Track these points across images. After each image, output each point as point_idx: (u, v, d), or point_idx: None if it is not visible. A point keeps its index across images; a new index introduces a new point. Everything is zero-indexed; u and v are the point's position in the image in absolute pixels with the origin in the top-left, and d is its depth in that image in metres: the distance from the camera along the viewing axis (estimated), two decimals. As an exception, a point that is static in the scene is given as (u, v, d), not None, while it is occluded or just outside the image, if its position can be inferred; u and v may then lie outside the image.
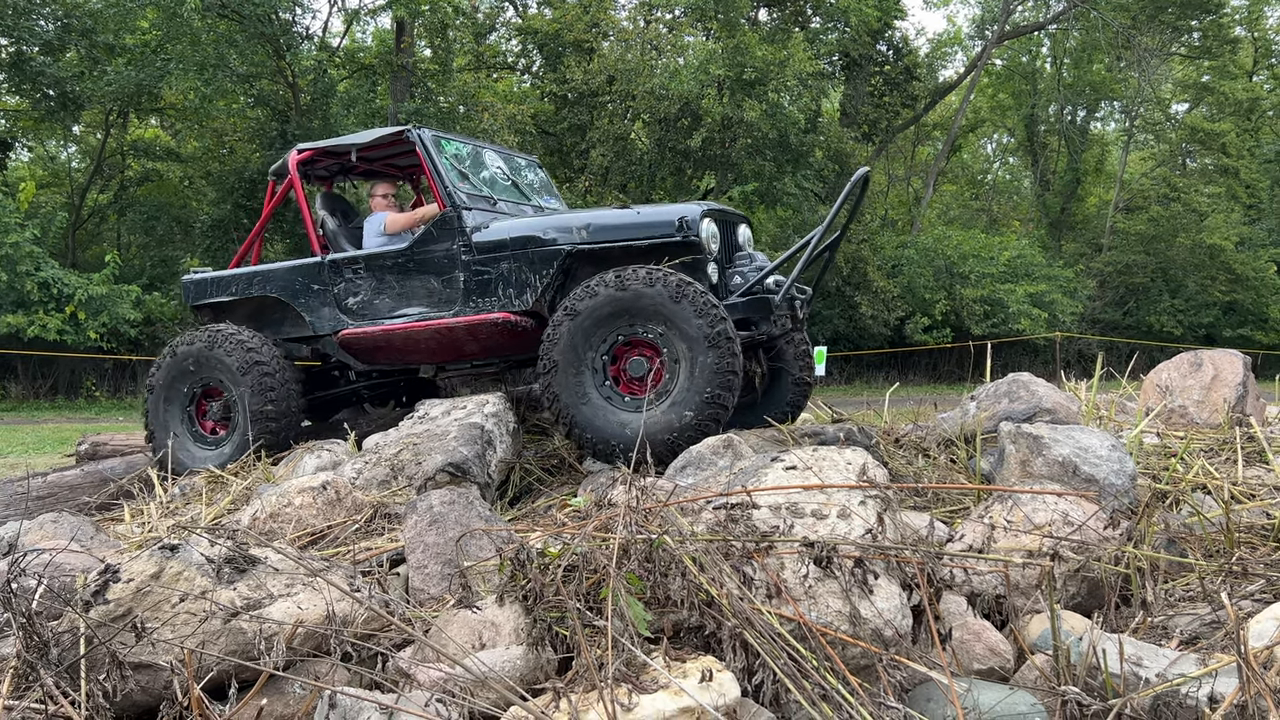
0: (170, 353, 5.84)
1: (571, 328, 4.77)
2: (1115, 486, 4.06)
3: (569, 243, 5.25)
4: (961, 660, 2.91)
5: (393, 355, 5.76)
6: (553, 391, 4.83)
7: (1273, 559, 3.29)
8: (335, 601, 2.60)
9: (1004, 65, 31.73)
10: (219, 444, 5.79)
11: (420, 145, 5.61)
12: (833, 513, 2.85)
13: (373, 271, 5.69)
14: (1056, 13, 28.09)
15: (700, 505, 3.05)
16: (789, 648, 2.40)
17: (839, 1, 20.63)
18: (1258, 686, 2.42)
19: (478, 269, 5.40)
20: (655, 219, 5.21)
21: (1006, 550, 3.32)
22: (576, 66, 19.31)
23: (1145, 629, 3.10)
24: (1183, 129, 30.96)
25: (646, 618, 2.55)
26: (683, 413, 4.59)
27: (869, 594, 2.61)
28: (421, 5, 16.86)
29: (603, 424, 4.73)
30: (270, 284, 5.98)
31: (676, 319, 4.63)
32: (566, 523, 3.71)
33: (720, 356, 4.58)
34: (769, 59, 18.00)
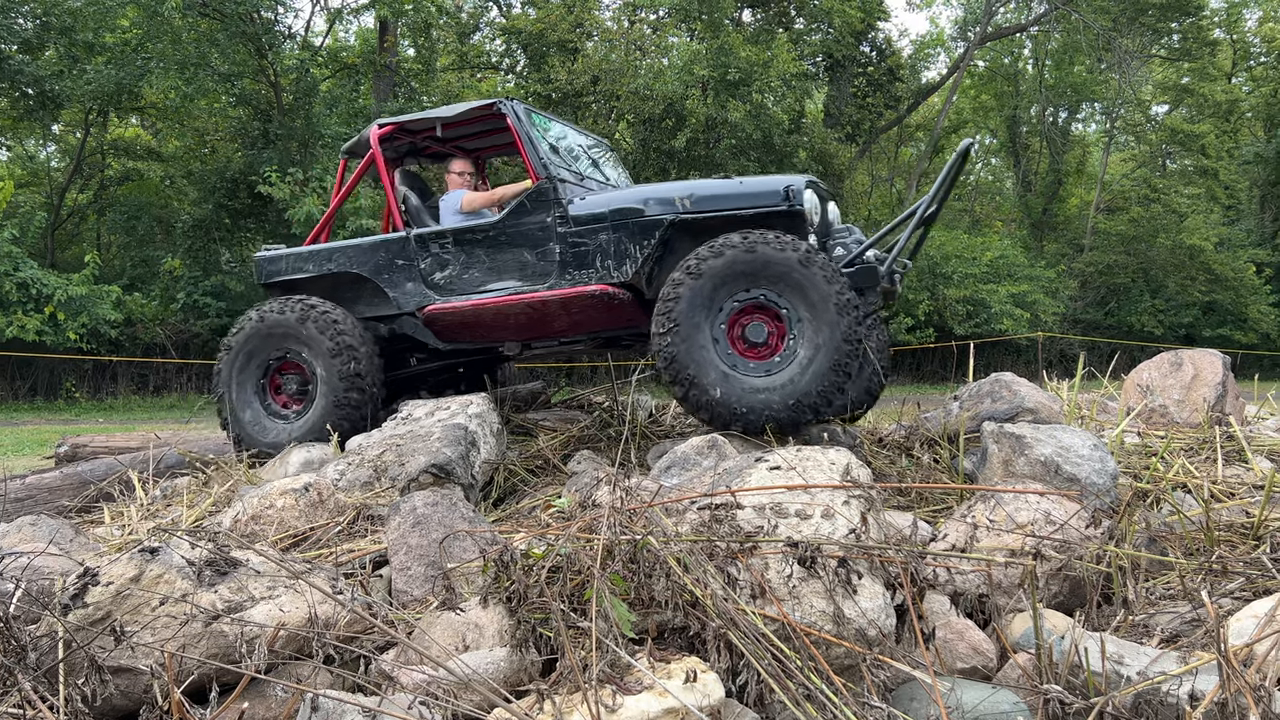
0: (258, 319, 5.70)
1: (693, 289, 4.67)
2: (1097, 485, 4.08)
3: (671, 213, 5.17)
4: (945, 659, 2.92)
5: (480, 332, 5.67)
6: (670, 354, 4.69)
7: (1252, 557, 3.32)
8: (317, 604, 2.58)
9: (986, 67, 31.90)
10: (290, 419, 5.71)
11: (513, 117, 5.54)
12: (817, 513, 2.86)
13: (461, 246, 5.58)
14: (1038, 14, 28.25)
15: (685, 506, 3.05)
16: (773, 648, 2.41)
17: (822, 2, 20.68)
18: (1237, 684, 2.44)
19: (574, 241, 5.31)
20: (760, 188, 5.15)
21: (989, 550, 3.33)
22: (560, 67, 19.29)
23: (1127, 627, 3.11)
24: (1163, 130, 31.22)
25: (631, 619, 2.55)
26: (807, 380, 4.58)
27: (853, 594, 2.61)
28: (405, 5, 16.81)
29: (726, 390, 4.63)
30: (352, 259, 5.84)
31: (804, 284, 4.59)
32: (551, 523, 3.70)
33: (847, 324, 4.56)
34: (753, 60, 18.03)
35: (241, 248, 21.49)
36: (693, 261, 4.72)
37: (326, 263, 5.90)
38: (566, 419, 6.20)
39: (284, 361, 5.76)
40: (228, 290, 18.99)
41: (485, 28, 24.37)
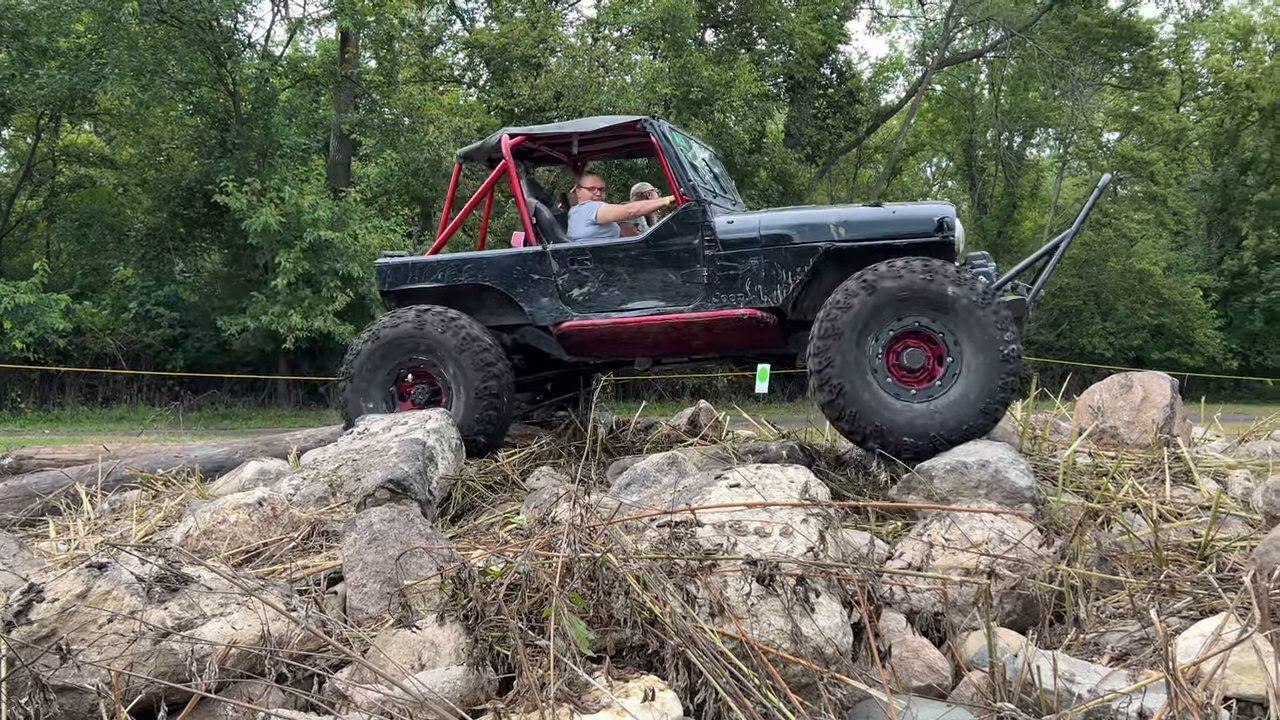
0: (391, 325, 5.62)
1: (856, 314, 4.68)
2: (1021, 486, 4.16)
3: (825, 240, 5.18)
4: (901, 677, 2.94)
5: (616, 348, 5.67)
6: (830, 376, 4.68)
7: (1199, 577, 3.38)
8: (270, 621, 2.54)
9: (943, 91, 32.45)
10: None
11: (659, 137, 5.53)
12: (775, 531, 2.87)
13: (601, 263, 5.56)
14: (994, 41, 28.82)
15: (645, 523, 3.05)
16: (731, 666, 2.41)
17: (784, 25, 20.93)
18: (1185, 702, 2.48)
19: (723, 264, 5.31)
20: (914, 216, 5.21)
21: (944, 568, 3.37)
22: (524, 82, 19.29)
23: (1078, 645, 3.16)
24: (1114, 157, 31.94)
25: (589, 637, 2.54)
26: (973, 399, 4.61)
27: (810, 612, 2.62)
28: (367, 16, 16.72)
29: (895, 419, 4.65)
30: (485, 271, 5.78)
31: (963, 315, 4.64)
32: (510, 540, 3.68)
33: (1006, 355, 4.61)
34: (715, 79, 18.18)
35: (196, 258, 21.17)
36: (856, 286, 4.73)
37: (457, 274, 5.83)
38: (527, 434, 6.18)
39: (417, 370, 5.69)
40: (181, 300, 18.69)
41: (448, 41, 24.35)
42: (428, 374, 5.64)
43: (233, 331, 16.88)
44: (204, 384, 18.16)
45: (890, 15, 32.26)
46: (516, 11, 21.80)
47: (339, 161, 19.30)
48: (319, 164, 17.95)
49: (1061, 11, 26.36)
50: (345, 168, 19.44)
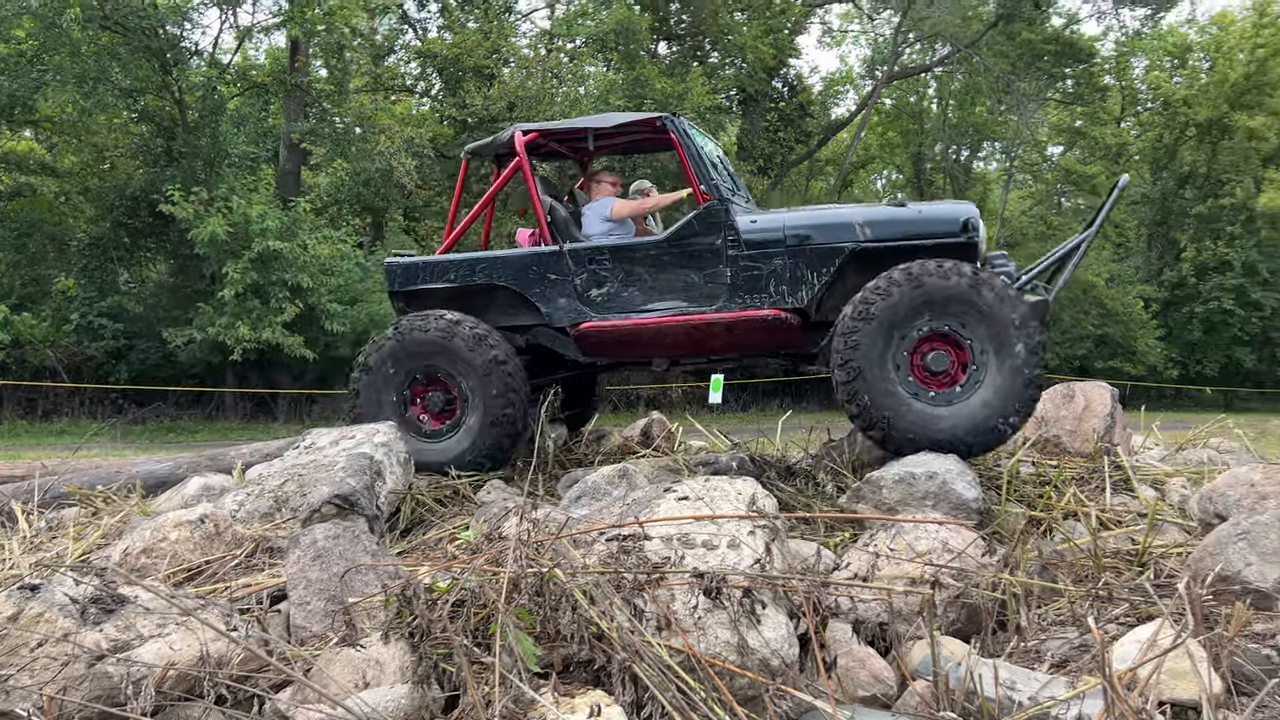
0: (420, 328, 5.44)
1: (872, 330, 4.67)
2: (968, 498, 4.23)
3: (851, 240, 5.16)
4: (847, 687, 2.97)
5: (634, 349, 5.57)
6: (852, 358, 4.66)
7: (1136, 584, 3.46)
8: (210, 641, 2.50)
9: (893, 105, 32.95)
10: (436, 437, 5.53)
11: (680, 135, 5.46)
12: (723, 543, 2.88)
13: (621, 263, 5.45)
14: (941, 56, 29.36)
15: (593, 537, 3.04)
16: (678, 680, 2.41)
17: (736, 38, 21.10)
18: (1121, 708, 2.54)
19: (746, 264, 5.24)
20: (940, 216, 5.21)
21: (890, 578, 3.41)
22: (476, 92, 19.23)
23: (1020, 653, 3.21)
24: (1058, 170, 32.66)
25: (536, 653, 2.53)
26: (1002, 399, 4.61)
27: (757, 624, 2.64)
28: (317, 25, 16.55)
29: (919, 421, 4.64)
30: (500, 272, 5.63)
31: (983, 309, 4.64)
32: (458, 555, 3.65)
33: (1029, 379, 4.62)
34: (668, 91, 18.27)
35: (141, 268, 20.74)
36: (875, 293, 4.71)
37: (470, 274, 5.69)
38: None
39: (431, 377, 5.56)
40: (125, 311, 18.29)
41: (400, 50, 24.20)
42: (444, 383, 5.52)
43: (178, 343, 16.56)
44: (149, 397, 17.78)
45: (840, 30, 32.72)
46: (469, 22, 21.74)
47: (289, 171, 19.05)
48: (268, 173, 17.70)
49: (1006, 28, 26.93)
50: (295, 177, 19.20)
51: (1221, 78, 29.18)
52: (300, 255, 16.05)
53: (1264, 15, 28.84)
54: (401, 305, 5.87)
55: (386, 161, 17.32)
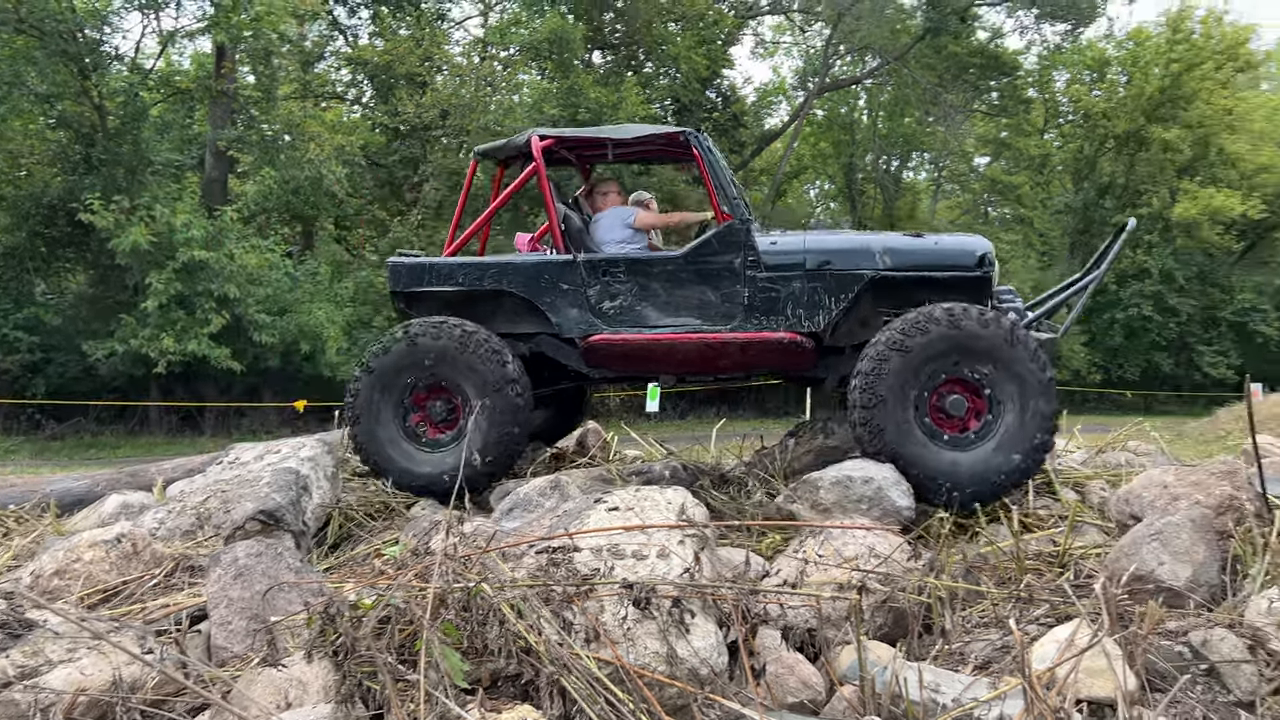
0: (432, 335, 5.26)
1: (902, 363, 4.69)
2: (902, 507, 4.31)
3: (871, 268, 5.19)
4: (776, 694, 2.99)
5: (644, 364, 5.47)
6: (876, 425, 4.67)
7: (1055, 585, 3.55)
8: (123, 665, 2.42)
9: (825, 116, 33.45)
10: (433, 447, 5.34)
11: (703, 152, 5.41)
12: (653, 553, 2.89)
13: (636, 276, 5.37)
14: (872, 68, 29.89)
15: (523, 550, 3.02)
16: (606, 692, 2.40)
17: (670, 49, 21.22)
18: (1040, 707, 2.59)
19: (764, 285, 5.23)
20: (956, 249, 5.31)
21: (818, 584, 3.44)
22: (409, 99, 19.04)
23: (945, 655, 3.27)
24: (984, 180, 33.46)
25: (464, 668, 2.50)
26: (1010, 455, 4.65)
27: (686, 633, 2.64)
28: (244, 31, 16.22)
29: (931, 462, 4.65)
30: (510, 278, 5.48)
31: (1011, 362, 4.71)
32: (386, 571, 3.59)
33: (1050, 402, 4.70)
34: (603, 101, 18.30)
35: (59, 278, 20.06)
36: (899, 336, 4.75)
37: (479, 278, 5.53)
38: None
39: (435, 386, 5.37)
40: (42, 323, 17.67)
41: (330, 57, 23.84)
42: (448, 393, 5.37)
43: (99, 356, 16.05)
44: (68, 412, 17.20)
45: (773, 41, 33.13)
46: (401, 29, 21.52)
47: (215, 179, 18.62)
48: (193, 181, 17.25)
49: (934, 41, 27.55)
50: (222, 185, 18.77)
51: (1138, 91, 30.19)
52: (227, 265, 15.69)
53: (1177, 31, 29.92)
54: (402, 306, 5.72)
55: (316, 169, 17.04)
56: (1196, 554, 3.51)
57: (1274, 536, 3.49)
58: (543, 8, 20.73)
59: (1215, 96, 29.36)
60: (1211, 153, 30.27)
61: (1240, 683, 3.02)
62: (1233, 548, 3.61)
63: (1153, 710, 2.79)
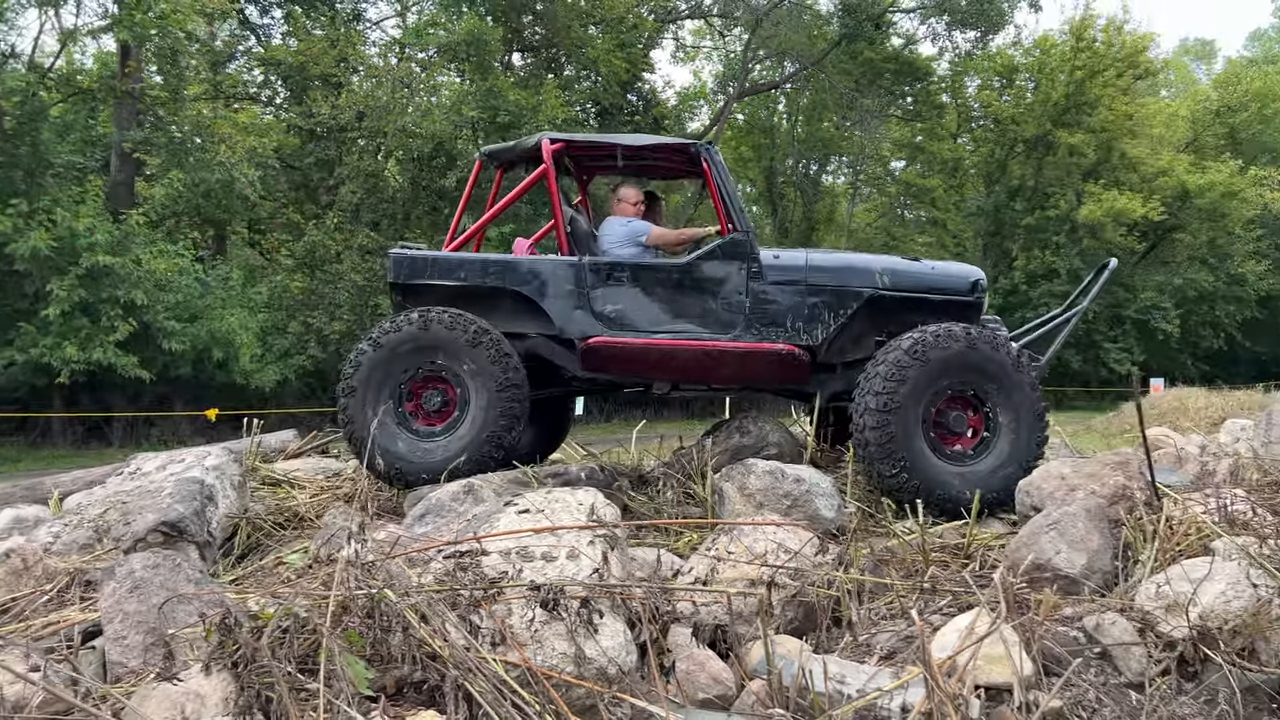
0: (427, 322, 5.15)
1: (932, 367, 4.83)
2: (826, 518, 4.37)
3: (870, 286, 5.35)
4: (687, 690, 3.01)
5: (640, 369, 5.47)
6: (889, 432, 4.77)
7: (958, 576, 3.64)
8: (7, 685, 2.32)
9: (745, 120, 33.86)
10: (429, 436, 5.19)
11: (713, 165, 5.47)
12: (562, 554, 2.88)
13: (639, 281, 5.40)
14: (790, 73, 30.36)
15: (431, 555, 2.99)
16: (513, 694, 2.39)
17: (589, 52, 21.22)
18: (940, 695, 2.66)
19: (765, 297, 5.33)
20: (952, 274, 5.57)
21: (729, 580, 3.48)
22: (323, 101, 18.69)
23: (852, 648, 3.33)
24: (899, 184, 34.22)
25: (368, 676, 2.46)
26: (1009, 471, 4.78)
27: (594, 633, 2.65)
28: (149, 29, 15.71)
29: (933, 473, 4.76)
30: (513, 276, 5.46)
31: (1013, 386, 4.92)
32: (294, 579, 3.52)
33: (1043, 426, 4.93)
34: (522, 103, 18.21)
35: (-48, 284, 19.18)
36: (914, 352, 4.86)
37: (482, 275, 5.48)
38: (324, 469, 5.95)
39: (434, 377, 5.25)
40: (-64, 332, 16.89)
41: (242, 57, 23.26)
42: (448, 385, 5.27)
43: (-3, 365, 15.41)
44: (-37, 424, 16.48)
45: (694, 46, 33.41)
46: (315, 29, 21.12)
47: (121, 182, 17.99)
48: (97, 184, 16.64)
49: (849, 47, 28.10)
50: (129, 188, 18.14)
51: (1045, 97, 31.26)
52: (134, 271, 15.19)
53: (1080, 39, 31.06)
54: (399, 299, 5.63)
55: (227, 172, 16.60)
56: (1091, 542, 3.64)
57: (1162, 523, 3.63)
58: (460, 9, 20.55)
59: (1117, 102, 30.54)
60: (1114, 156, 31.49)
61: (1130, 665, 3.14)
62: (1125, 535, 3.75)
63: (1048, 694, 2.89)
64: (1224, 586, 3.22)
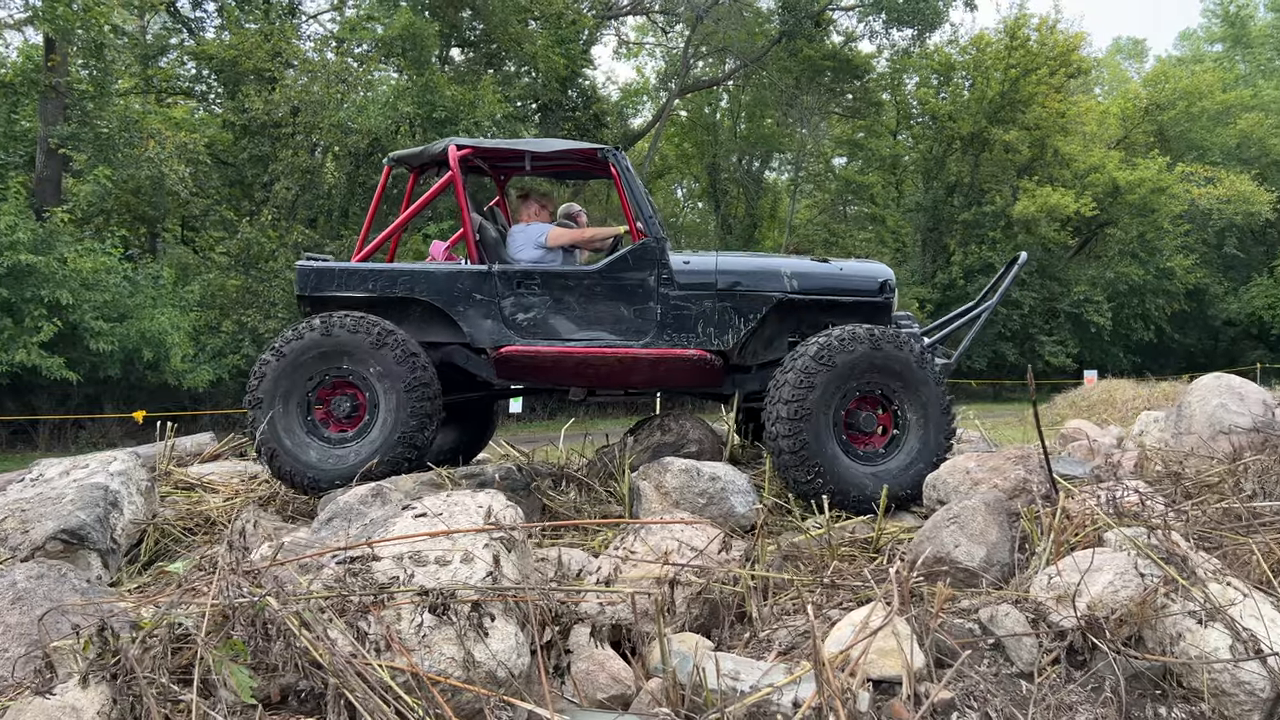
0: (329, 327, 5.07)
1: (840, 370, 4.92)
2: (740, 514, 4.42)
3: (779, 290, 5.44)
4: (586, 691, 3.02)
5: (556, 376, 5.50)
6: (802, 439, 4.83)
7: (857, 570, 3.70)
8: None
9: (688, 117, 33.95)
10: (340, 443, 5.14)
11: (620, 170, 5.50)
12: (456, 558, 2.87)
13: (551, 290, 5.42)
14: (731, 70, 30.51)
15: (325, 560, 2.96)
16: (396, 700, 2.38)
17: (526, 48, 21.10)
18: (829, 689, 2.70)
19: (677, 303, 5.39)
20: (861, 275, 5.66)
21: (635, 579, 3.49)
22: (257, 96, 18.35)
23: (755, 644, 3.37)
24: (840, 180, 34.56)
25: (252, 685, 2.43)
26: (919, 467, 4.90)
27: (485, 637, 2.64)
28: (73, 23, 15.29)
29: (847, 475, 4.85)
30: (423, 286, 5.42)
31: (919, 383, 5.03)
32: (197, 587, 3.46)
33: (950, 420, 5.06)
34: (458, 99, 18.06)
35: None
36: (825, 353, 4.94)
37: (390, 285, 5.42)
38: (241, 472, 5.86)
39: (342, 382, 5.18)
40: None
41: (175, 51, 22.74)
42: (356, 389, 5.21)
43: (-86, 368, 14.90)
44: (-123, 430, 15.93)
45: (636, 42, 33.41)
46: (249, 23, 20.73)
47: (47, 179, 17.48)
48: (19, 181, 16.15)
49: (789, 45, 28.31)
50: (55, 185, 17.64)
51: (980, 95, 31.76)
52: (58, 270, 14.78)
53: (1014, 38, 31.62)
54: (308, 311, 5.55)
55: (156, 168, 16.23)
56: (990, 535, 3.72)
57: (1057, 516, 3.72)
58: (396, 3, 20.32)
59: (1050, 100, 31.15)
60: (1048, 153, 32.13)
61: (1022, 655, 3.22)
62: (1023, 528, 3.84)
63: (939, 685, 2.95)
64: (1112, 577, 3.32)
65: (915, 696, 2.85)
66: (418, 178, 6.25)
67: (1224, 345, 37.33)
